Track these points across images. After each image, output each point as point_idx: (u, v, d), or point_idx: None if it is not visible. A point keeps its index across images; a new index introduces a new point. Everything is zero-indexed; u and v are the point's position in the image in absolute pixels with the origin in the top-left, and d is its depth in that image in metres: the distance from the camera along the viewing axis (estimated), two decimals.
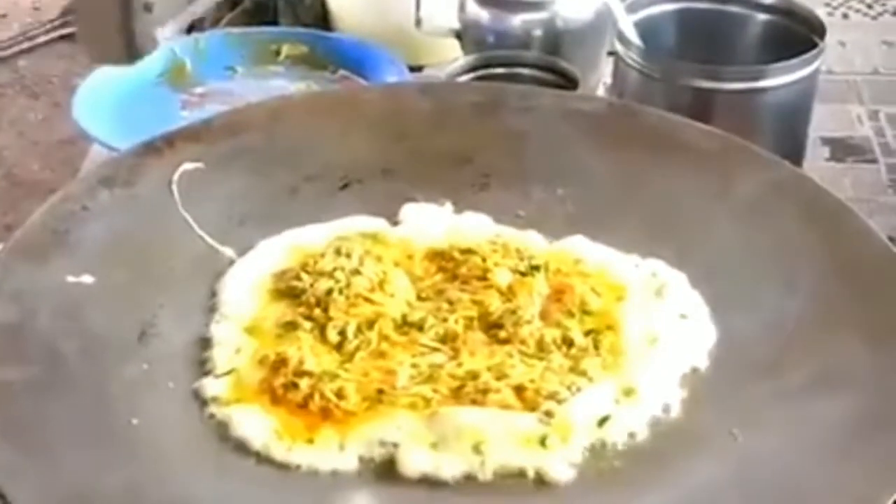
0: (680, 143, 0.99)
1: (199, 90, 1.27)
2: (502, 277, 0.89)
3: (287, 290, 0.89)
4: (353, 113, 1.03)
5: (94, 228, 0.90)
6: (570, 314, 0.87)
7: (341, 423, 0.80)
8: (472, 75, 1.22)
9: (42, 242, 0.88)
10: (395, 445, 0.78)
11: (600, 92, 1.29)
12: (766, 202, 0.94)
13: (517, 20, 1.26)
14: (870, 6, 1.49)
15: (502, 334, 0.85)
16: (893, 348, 0.82)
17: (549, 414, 0.79)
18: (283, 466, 0.78)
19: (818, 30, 1.14)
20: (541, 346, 0.85)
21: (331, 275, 0.89)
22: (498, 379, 0.81)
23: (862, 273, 0.87)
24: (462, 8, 1.28)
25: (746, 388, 0.82)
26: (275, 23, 1.36)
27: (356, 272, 0.89)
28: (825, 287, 0.87)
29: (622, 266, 0.92)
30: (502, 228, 0.95)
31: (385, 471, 0.78)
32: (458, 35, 1.30)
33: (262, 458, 0.79)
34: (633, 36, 1.15)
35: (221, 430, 0.80)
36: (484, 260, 0.90)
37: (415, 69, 1.32)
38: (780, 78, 1.11)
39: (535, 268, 0.90)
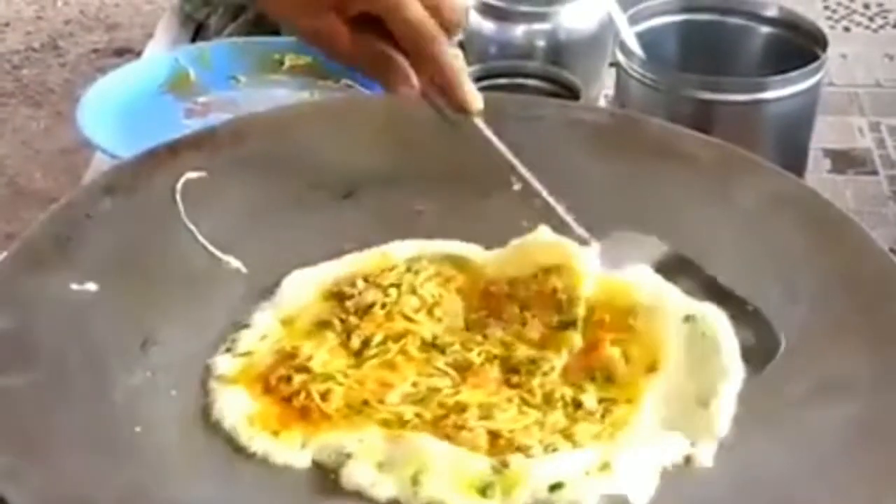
0: (682, 154, 0.99)
1: (202, 99, 1.27)
2: (534, 331, 0.88)
3: (338, 293, 0.90)
4: (357, 122, 1.03)
5: (97, 236, 0.90)
6: (592, 377, 0.84)
7: (313, 423, 0.80)
8: (475, 86, 1.22)
9: (45, 250, 0.88)
10: (349, 456, 0.78)
11: (602, 103, 1.29)
12: (767, 213, 0.94)
13: (520, 31, 1.26)
14: (871, 19, 1.50)
15: (515, 379, 0.84)
16: (893, 357, 0.82)
17: (504, 464, 0.77)
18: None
19: (820, 42, 1.15)
20: (547, 399, 0.82)
21: (385, 288, 0.89)
22: (481, 418, 0.80)
23: (863, 284, 0.87)
24: (465, 19, 1.29)
25: (747, 394, 0.82)
26: (278, 33, 1.37)
27: (412, 291, 0.89)
28: (826, 297, 0.87)
29: (673, 317, 0.87)
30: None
31: (328, 478, 0.78)
32: (462, 45, 1.30)
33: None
34: (636, 47, 1.16)
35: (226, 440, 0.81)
36: (521, 310, 0.89)
37: None
38: (782, 90, 1.11)
39: (571, 324, 0.87)
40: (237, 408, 0.81)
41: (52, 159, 2.43)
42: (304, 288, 0.91)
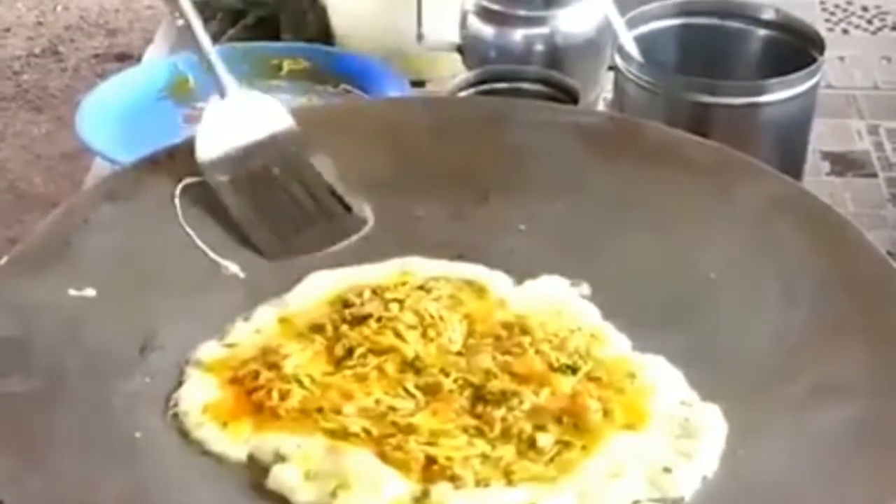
0: (680, 157, 0.99)
1: (201, 105, 1.27)
2: (524, 366, 0.85)
3: (343, 300, 0.90)
4: (355, 127, 1.04)
5: (96, 242, 0.90)
6: (560, 422, 0.82)
7: (263, 421, 0.81)
8: (473, 90, 1.22)
9: (44, 255, 0.89)
10: (283, 458, 0.78)
11: (601, 106, 1.29)
12: (766, 216, 0.94)
13: (518, 35, 1.26)
14: (869, 21, 1.50)
15: (480, 409, 0.82)
16: (891, 359, 0.82)
17: (425, 493, 0.77)
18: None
19: (818, 45, 1.15)
20: (504, 433, 0.81)
21: (386, 302, 0.89)
22: (425, 443, 0.79)
23: (861, 287, 0.87)
24: (463, 23, 1.29)
25: (746, 397, 0.82)
26: (277, 38, 1.37)
27: (413, 308, 0.88)
28: (825, 299, 0.87)
29: (669, 396, 0.84)
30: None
31: (258, 477, 0.79)
32: (460, 50, 1.31)
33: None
34: (634, 51, 1.16)
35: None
36: (538, 352, 0.86)
37: (417, 84, 1.33)
38: (780, 93, 1.11)
39: (571, 370, 0.85)
40: (198, 395, 0.83)
41: (52, 164, 2.43)
42: (315, 290, 0.91)
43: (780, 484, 0.77)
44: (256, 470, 0.79)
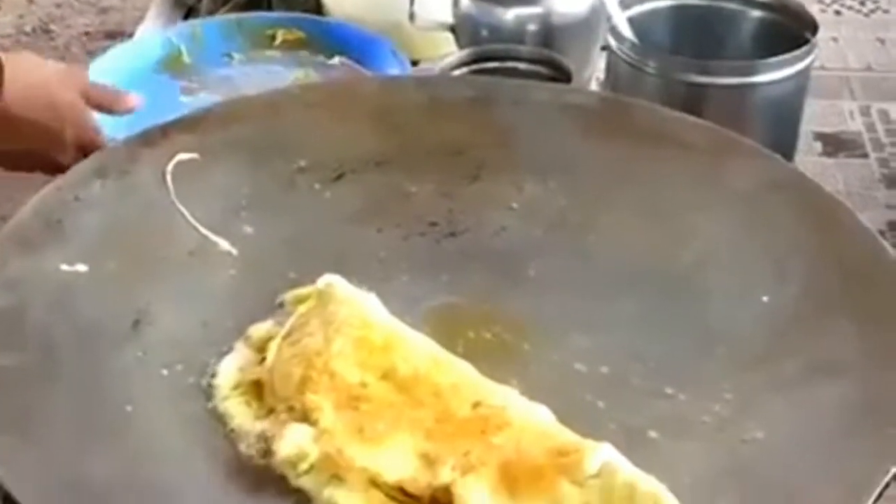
0: (672, 137, 0.99)
1: (197, 77, 1.28)
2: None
3: None
4: (349, 105, 1.04)
5: (87, 218, 0.90)
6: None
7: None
8: (466, 69, 1.22)
9: (35, 232, 0.89)
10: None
11: (593, 86, 1.29)
12: (757, 196, 0.94)
13: (511, 14, 1.26)
14: (863, 3, 1.50)
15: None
16: (883, 337, 0.82)
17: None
18: None
19: (810, 26, 1.15)
20: None
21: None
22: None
23: (852, 265, 0.87)
24: (456, 2, 1.29)
25: (740, 376, 0.83)
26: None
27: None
28: (816, 279, 0.87)
29: None
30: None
31: (260, 455, 0.78)
32: (453, 29, 1.31)
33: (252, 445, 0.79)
34: (627, 31, 1.16)
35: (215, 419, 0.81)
36: None
37: (409, 63, 1.33)
38: (773, 73, 1.12)
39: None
40: (232, 368, 0.83)
41: None
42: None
43: (772, 460, 0.77)
44: (261, 449, 0.78)
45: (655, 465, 0.76)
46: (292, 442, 0.77)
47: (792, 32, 1.16)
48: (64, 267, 0.87)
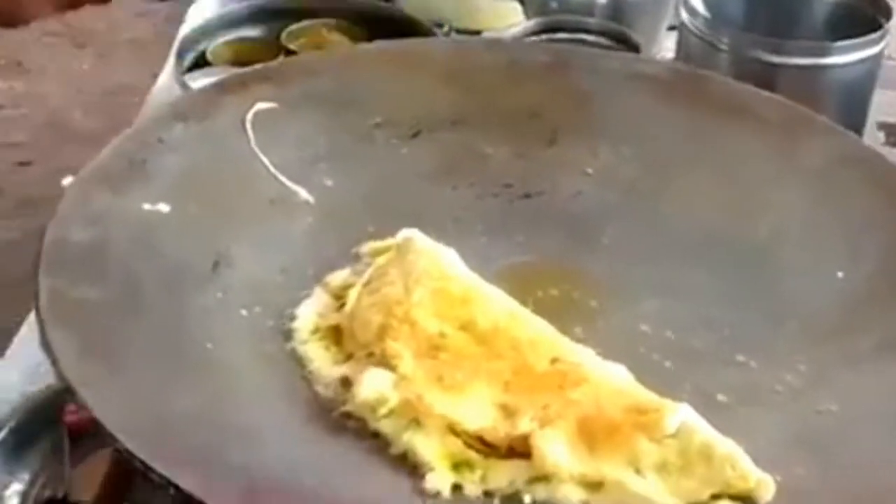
0: (746, 110, 1.00)
1: None
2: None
3: None
4: (423, 65, 1.04)
5: (169, 160, 0.91)
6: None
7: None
8: (534, 39, 1.23)
9: (119, 171, 0.89)
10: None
11: None
12: (832, 171, 0.94)
13: None
14: None
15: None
16: None
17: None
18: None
19: (885, 11, 1.15)
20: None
21: None
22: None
23: None
24: None
25: (812, 349, 0.83)
26: None
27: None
28: (892, 256, 0.87)
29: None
30: None
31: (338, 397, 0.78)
32: (522, 0, 1.31)
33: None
34: (700, 6, 1.16)
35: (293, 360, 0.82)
36: None
37: (475, 34, 1.34)
38: (846, 56, 1.12)
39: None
40: (311, 312, 0.84)
41: (92, 100, 2.44)
42: None
43: (851, 436, 0.77)
44: (340, 392, 0.79)
45: (728, 429, 0.76)
46: (372, 386, 0.77)
47: (866, 16, 1.16)
48: (146, 206, 0.87)
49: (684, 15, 1.16)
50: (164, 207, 0.88)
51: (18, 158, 2.35)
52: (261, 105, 0.97)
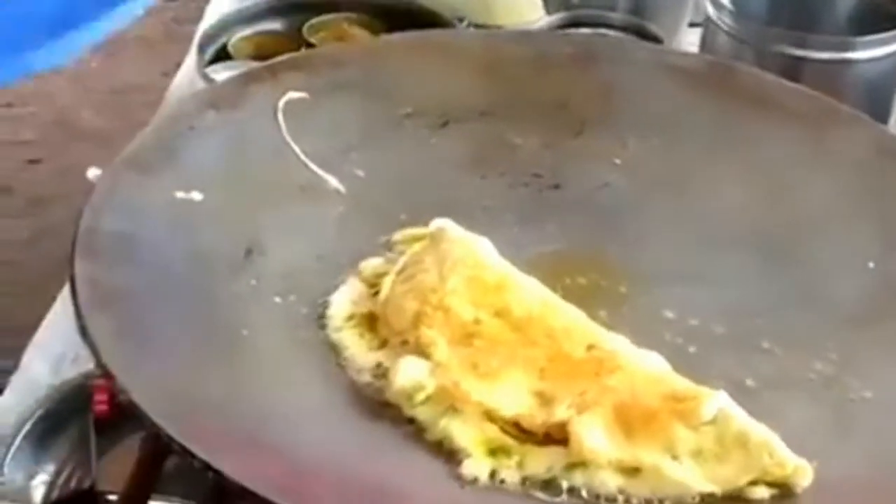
0: (775, 102, 1.00)
1: None
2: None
3: None
4: (451, 55, 1.04)
5: (201, 148, 0.91)
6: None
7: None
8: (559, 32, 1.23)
9: (152, 158, 0.89)
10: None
11: None
12: (861, 163, 0.94)
13: None
14: None
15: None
16: None
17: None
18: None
19: None
20: None
21: None
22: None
23: None
24: None
25: (842, 337, 0.83)
26: None
27: None
28: None
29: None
30: None
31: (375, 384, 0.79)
32: None
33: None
34: (726, 0, 1.16)
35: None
36: None
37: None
38: (870, 51, 1.12)
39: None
40: (345, 300, 0.83)
41: (101, 98, 2.44)
42: None
43: (888, 423, 0.77)
44: (375, 379, 0.79)
45: (759, 415, 0.76)
46: (408, 374, 0.77)
47: (890, 12, 1.16)
48: (179, 194, 0.87)
49: (710, 9, 1.16)
50: (196, 195, 0.88)
51: (28, 156, 2.36)
52: (291, 94, 0.97)
